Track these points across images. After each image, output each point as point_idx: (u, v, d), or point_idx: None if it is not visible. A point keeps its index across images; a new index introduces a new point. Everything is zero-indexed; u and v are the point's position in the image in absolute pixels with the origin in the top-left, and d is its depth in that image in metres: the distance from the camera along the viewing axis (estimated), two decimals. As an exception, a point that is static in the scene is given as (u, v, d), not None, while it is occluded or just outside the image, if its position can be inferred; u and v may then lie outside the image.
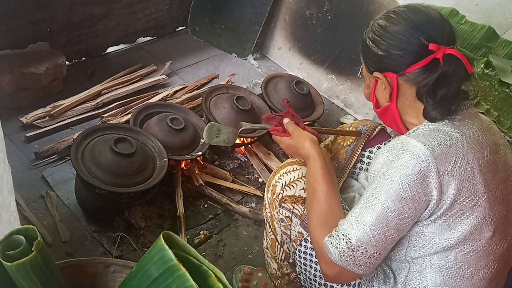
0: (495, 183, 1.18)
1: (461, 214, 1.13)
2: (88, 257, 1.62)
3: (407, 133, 1.24)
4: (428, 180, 1.09)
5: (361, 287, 1.29)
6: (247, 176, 2.26)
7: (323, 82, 2.88)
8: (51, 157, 2.05)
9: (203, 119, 2.21)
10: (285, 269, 1.51)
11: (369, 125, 1.55)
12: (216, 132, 1.54)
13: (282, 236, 1.42)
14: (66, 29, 2.38)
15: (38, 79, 2.21)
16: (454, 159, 1.11)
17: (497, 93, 2.18)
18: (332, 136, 1.62)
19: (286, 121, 1.44)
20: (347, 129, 1.57)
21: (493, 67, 2.20)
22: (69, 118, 2.22)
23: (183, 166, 2.10)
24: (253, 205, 2.14)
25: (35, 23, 2.23)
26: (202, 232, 1.95)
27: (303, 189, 1.35)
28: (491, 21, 2.68)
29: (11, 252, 1.01)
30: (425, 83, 1.17)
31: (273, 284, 1.62)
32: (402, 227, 1.13)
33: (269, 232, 1.48)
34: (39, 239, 1.04)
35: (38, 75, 2.20)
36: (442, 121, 1.18)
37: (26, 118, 2.14)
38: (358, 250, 1.12)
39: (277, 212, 1.39)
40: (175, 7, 2.90)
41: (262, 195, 2.13)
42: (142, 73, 2.58)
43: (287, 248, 1.44)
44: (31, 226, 1.07)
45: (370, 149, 1.55)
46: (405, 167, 1.09)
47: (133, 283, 1.14)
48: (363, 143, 1.54)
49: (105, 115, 2.25)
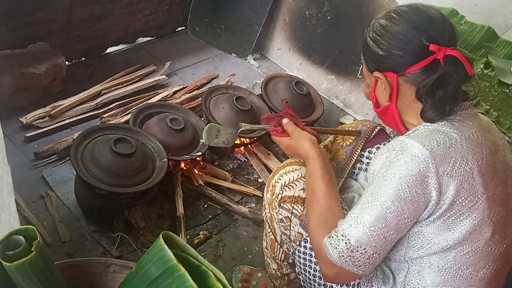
0: (495, 183, 1.18)
1: (460, 214, 1.13)
2: (87, 257, 1.62)
3: (406, 133, 1.24)
4: (427, 181, 1.09)
5: (360, 287, 1.29)
6: (246, 177, 2.26)
7: (322, 82, 2.88)
8: (50, 157, 2.05)
9: (202, 119, 2.21)
10: (284, 269, 1.51)
11: (368, 125, 1.55)
12: (215, 133, 1.54)
13: (281, 237, 1.42)
14: (66, 29, 2.38)
15: (38, 79, 2.21)
16: (453, 159, 1.11)
17: (496, 93, 2.18)
18: (332, 136, 1.62)
19: (285, 121, 1.44)
20: (346, 129, 1.57)
21: (492, 68, 2.20)
22: (69, 118, 2.22)
23: (182, 166, 2.10)
24: (253, 205, 2.14)
25: (34, 23, 2.23)
26: (201, 232, 1.95)
27: (302, 189, 1.35)
28: (490, 22, 2.67)
29: (10, 252, 1.02)
30: (424, 84, 1.17)
31: (272, 284, 1.62)
32: (401, 228, 1.13)
33: (269, 233, 1.48)
34: (38, 239, 1.04)
35: (38, 75, 2.19)
36: (441, 122, 1.18)
37: (26, 118, 2.14)
38: (357, 251, 1.12)
39: (276, 213, 1.39)
40: (175, 7, 2.90)
41: (261, 195, 2.13)
42: (142, 73, 2.58)
43: (287, 248, 1.44)
44: (30, 226, 1.07)
45: (370, 149, 1.55)
46: (404, 168, 1.09)
47: (132, 283, 1.14)
48: (362, 143, 1.54)
49: (104, 115, 2.25)
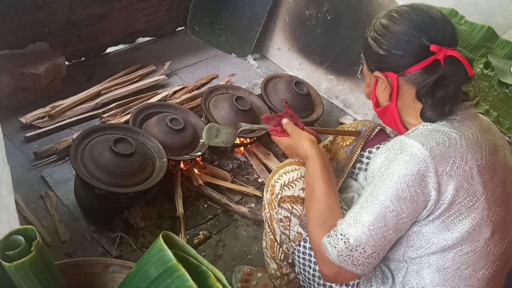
0: (494, 183, 1.18)
1: (460, 214, 1.13)
2: (87, 257, 1.62)
3: (406, 133, 1.24)
4: (427, 180, 1.09)
5: (359, 287, 1.29)
6: (246, 177, 2.26)
7: (322, 82, 2.88)
8: (50, 157, 2.05)
9: (202, 119, 2.21)
10: (284, 269, 1.51)
11: (368, 126, 1.55)
12: (215, 133, 1.54)
13: (281, 236, 1.42)
14: (66, 29, 2.38)
15: (38, 79, 2.21)
16: (453, 159, 1.11)
17: (496, 93, 2.18)
18: (332, 136, 1.62)
19: (285, 121, 1.44)
20: (346, 129, 1.57)
21: (492, 68, 2.20)
22: (69, 118, 2.22)
23: (182, 166, 2.09)
24: (253, 205, 2.14)
25: (34, 23, 2.23)
26: (201, 232, 1.95)
27: (302, 189, 1.35)
28: (490, 22, 2.66)
29: (10, 252, 1.02)
30: (425, 84, 1.16)
31: (272, 284, 1.62)
32: (400, 227, 1.13)
33: (268, 232, 1.48)
34: (38, 239, 1.04)
35: (38, 75, 2.19)
36: (441, 122, 1.18)
37: (26, 118, 2.13)
38: (357, 250, 1.12)
39: (276, 212, 1.39)
40: (175, 7, 2.90)
41: (261, 195, 2.13)
42: (142, 73, 2.58)
43: (286, 248, 1.44)
44: (30, 226, 1.07)
45: (370, 149, 1.55)
46: (403, 167, 1.09)
47: (132, 283, 1.14)
48: (362, 143, 1.54)
49: (104, 115, 2.25)
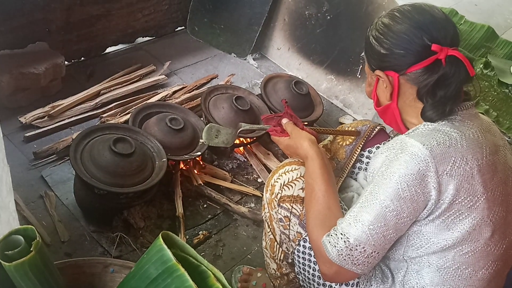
0: (494, 183, 1.18)
1: (460, 214, 1.13)
2: (87, 257, 1.62)
3: (406, 132, 1.23)
4: (427, 180, 1.09)
5: (359, 286, 1.29)
6: (246, 176, 2.26)
7: (322, 82, 2.87)
8: (50, 157, 2.05)
9: (202, 119, 2.21)
10: (284, 269, 1.51)
11: (368, 125, 1.55)
12: (215, 133, 1.54)
13: (281, 236, 1.42)
14: (65, 29, 2.38)
15: (37, 79, 2.21)
16: (453, 159, 1.11)
17: (496, 93, 2.18)
18: (331, 136, 1.62)
19: (284, 121, 1.44)
20: (346, 129, 1.57)
21: (492, 68, 2.20)
22: (68, 118, 2.22)
23: (182, 166, 2.09)
24: (252, 205, 2.14)
25: (34, 23, 2.23)
26: (201, 232, 1.95)
27: (301, 189, 1.35)
28: (490, 22, 2.67)
29: (10, 252, 1.01)
30: (426, 83, 1.16)
31: (272, 284, 1.61)
32: (400, 227, 1.13)
33: (268, 232, 1.48)
34: (38, 239, 1.04)
35: (37, 75, 2.19)
36: (441, 121, 1.18)
37: (25, 118, 2.13)
38: (356, 249, 1.12)
39: (275, 212, 1.39)
40: (174, 7, 2.90)
41: (261, 195, 2.13)
42: (141, 73, 2.58)
43: (286, 248, 1.44)
44: (30, 226, 1.07)
45: (370, 149, 1.55)
46: (404, 167, 1.09)
47: (132, 283, 1.14)
48: (362, 143, 1.54)
49: (104, 115, 2.25)
